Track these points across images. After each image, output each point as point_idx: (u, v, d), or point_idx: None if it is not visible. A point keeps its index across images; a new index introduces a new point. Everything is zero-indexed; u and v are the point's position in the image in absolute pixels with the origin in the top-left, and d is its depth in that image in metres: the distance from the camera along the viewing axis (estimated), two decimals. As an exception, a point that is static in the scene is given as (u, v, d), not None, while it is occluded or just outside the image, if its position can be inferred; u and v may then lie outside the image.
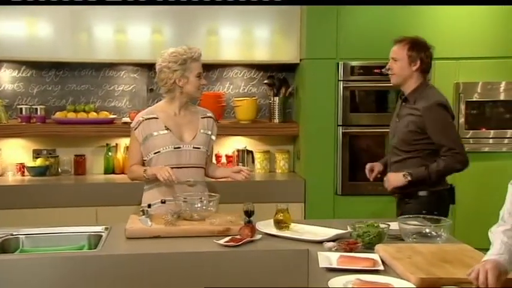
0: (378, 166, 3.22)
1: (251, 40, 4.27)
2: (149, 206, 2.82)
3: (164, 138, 2.87)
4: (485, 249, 2.29)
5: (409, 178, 2.95)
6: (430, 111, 2.93)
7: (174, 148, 2.87)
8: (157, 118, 2.89)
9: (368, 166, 3.23)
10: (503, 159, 4.16)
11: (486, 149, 4.16)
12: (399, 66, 3.02)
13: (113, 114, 4.39)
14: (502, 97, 4.13)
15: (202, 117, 2.98)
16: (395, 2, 3.94)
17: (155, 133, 2.88)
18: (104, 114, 4.33)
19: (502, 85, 4.11)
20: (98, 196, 4.02)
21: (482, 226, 4.08)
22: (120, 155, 4.41)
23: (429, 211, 2.70)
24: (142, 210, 2.66)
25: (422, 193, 2.99)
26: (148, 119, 2.90)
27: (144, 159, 2.92)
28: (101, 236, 2.55)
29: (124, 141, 4.38)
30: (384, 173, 3.17)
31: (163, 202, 2.84)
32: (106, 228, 2.63)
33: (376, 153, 4.13)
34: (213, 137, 3.00)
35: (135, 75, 4.51)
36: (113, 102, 4.51)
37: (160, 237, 2.49)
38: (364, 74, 4.04)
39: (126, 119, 4.32)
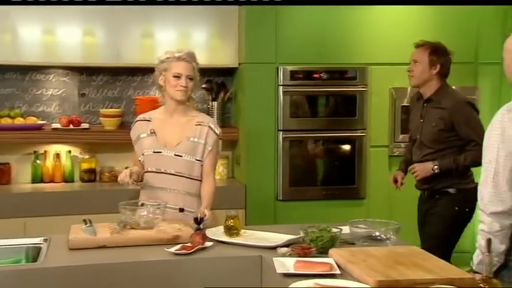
0: (400, 174, 3.45)
1: (188, 43, 4.16)
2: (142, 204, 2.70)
3: (148, 141, 2.85)
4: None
5: (437, 171, 3.17)
6: (457, 108, 3.16)
7: (154, 152, 2.82)
8: (149, 121, 2.89)
9: (392, 177, 3.47)
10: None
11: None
12: (420, 69, 3.22)
13: (42, 120, 4.16)
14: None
15: (196, 124, 2.85)
16: (339, 2, 4.00)
17: (142, 135, 2.88)
18: (32, 120, 4.10)
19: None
20: (26, 207, 3.80)
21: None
22: (49, 162, 4.18)
23: (460, 208, 2.80)
24: (85, 220, 2.54)
25: (451, 190, 3.19)
26: (142, 120, 2.93)
27: (139, 159, 2.91)
28: (40, 248, 2.40)
29: (54, 148, 4.18)
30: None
31: (142, 205, 2.71)
32: (45, 240, 2.47)
33: (317, 158, 4.20)
34: (209, 147, 2.85)
35: (65, 78, 4.30)
36: (41, 107, 4.28)
37: (106, 247, 2.38)
38: (304, 79, 4.06)
39: (56, 125, 4.12)
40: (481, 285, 1.91)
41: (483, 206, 2.18)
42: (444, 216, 3.20)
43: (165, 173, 2.81)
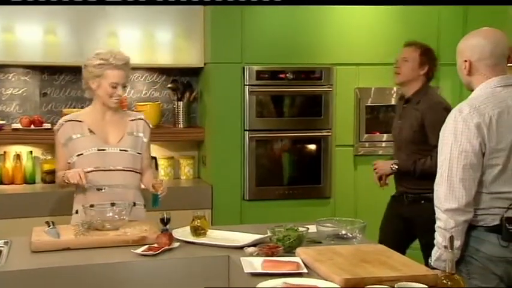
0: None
1: (153, 43, 4.14)
2: (76, 212, 2.74)
3: (86, 141, 2.76)
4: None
5: (394, 169, 3.14)
6: (431, 111, 3.05)
7: (98, 150, 2.75)
8: (81, 122, 2.80)
9: (376, 177, 3.27)
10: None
11: (380, 152, 4.32)
12: (409, 67, 3.15)
13: (1, 120, 4.05)
14: (393, 102, 4.32)
15: (131, 120, 2.87)
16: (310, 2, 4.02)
17: (76, 136, 2.78)
18: (-9, 120, 4.00)
19: (394, 90, 4.31)
20: (-15, 209, 3.70)
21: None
22: (9, 164, 4.08)
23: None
24: (47, 222, 2.49)
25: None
26: (72, 121, 2.81)
27: (68, 162, 2.79)
28: (1, 251, 2.33)
29: (14, 149, 4.07)
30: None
31: (91, 206, 2.66)
32: (6, 243, 2.41)
33: (283, 158, 4.21)
34: (145, 139, 2.87)
35: (26, 77, 4.20)
36: (0, 107, 4.17)
37: (70, 249, 2.33)
38: (270, 79, 4.07)
39: (17, 125, 4.02)
40: (444, 281, 1.94)
41: (439, 204, 2.24)
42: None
43: (112, 170, 2.76)
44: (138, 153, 2.85)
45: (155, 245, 2.35)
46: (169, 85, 4.33)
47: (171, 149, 4.39)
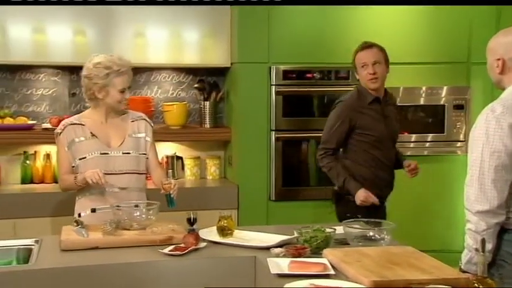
0: (369, 192, 3.17)
1: (180, 43, 4.16)
2: (79, 215, 2.73)
3: (89, 144, 2.76)
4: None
5: None
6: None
7: (101, 154, 2.75)
8: (83, 125, 2.80)
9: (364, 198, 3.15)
10: (425, 162, 4.28)
11: (408, 153, 4.26)
12: (383, 69, 3.16)
13: (32, 120, 4.12)
14: (422, 102, 4.26)
15: (132, 121, 2.86)
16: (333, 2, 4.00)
17: (78, 139, 2.78)
18: (22, 120, 4.06)
19: (423, 90, 4.25)
20: (16, 208, 3.75)
21: (415, 227, 4.19)
22: (39, 163, 4.14)
23: None
24: (76, 221, 2.51)
25: None
26: (74, 124, 2.80)
27: (72, 165, 2.79)
28: (31, 249, 2.37)
29: (44, 149, 4.14)
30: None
31: (93, 211, 2.73)
32: (36, 241, 2.44)
33: (309, 158, 4.18)
34: (148, 138, 2.87)
35: (55, 78, 4.26)
36: (31, 107, 4.24)
37: (98, 248, 2.36)
38: (297, 79, 4.05)
39: (47, 125, 4.07)
40: (476, 285, 1.90)
41: (469, 205, 2.19)
42: None
43: (116, 173, 2.75)
44: (142, 153, 2.84)
45: (182, 245, 2.36)
46: (195, 85, 4.34)
47: (198, 149, 4.41)
